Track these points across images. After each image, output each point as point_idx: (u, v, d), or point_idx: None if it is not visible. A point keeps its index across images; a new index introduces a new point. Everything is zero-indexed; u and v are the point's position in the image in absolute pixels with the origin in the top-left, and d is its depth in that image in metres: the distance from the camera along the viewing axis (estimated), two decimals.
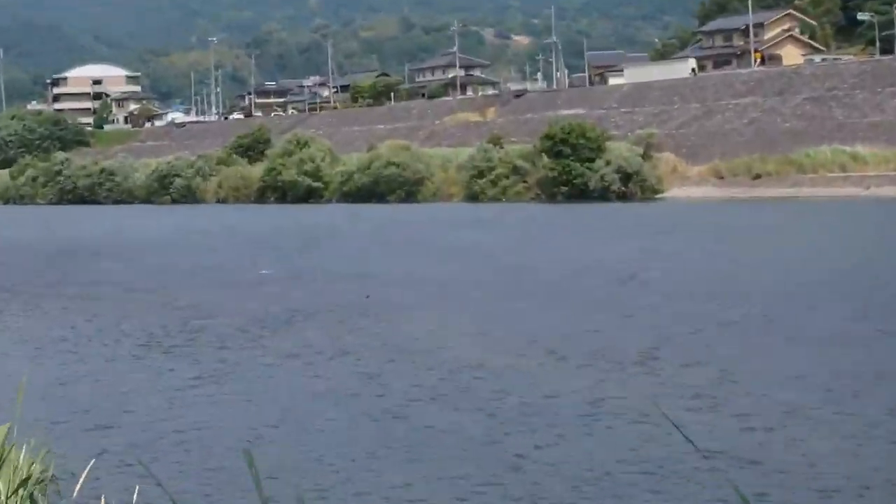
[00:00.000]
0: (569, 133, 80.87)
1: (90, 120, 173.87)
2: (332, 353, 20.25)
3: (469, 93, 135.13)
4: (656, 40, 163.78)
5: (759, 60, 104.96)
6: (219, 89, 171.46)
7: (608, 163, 79.40)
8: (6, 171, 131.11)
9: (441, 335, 21.87)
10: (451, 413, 15.12)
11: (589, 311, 24.36)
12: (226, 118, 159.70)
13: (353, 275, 33.84)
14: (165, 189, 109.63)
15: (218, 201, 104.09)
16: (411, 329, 22.74)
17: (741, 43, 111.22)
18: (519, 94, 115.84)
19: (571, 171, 79.68)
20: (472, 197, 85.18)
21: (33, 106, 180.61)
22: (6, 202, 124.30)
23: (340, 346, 20.93)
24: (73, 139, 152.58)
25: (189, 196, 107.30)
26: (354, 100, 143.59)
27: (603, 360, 18.51)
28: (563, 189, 79.98)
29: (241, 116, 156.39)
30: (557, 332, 21.60)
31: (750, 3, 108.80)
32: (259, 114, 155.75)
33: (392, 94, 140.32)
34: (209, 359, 19.99)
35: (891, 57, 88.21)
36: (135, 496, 7.64)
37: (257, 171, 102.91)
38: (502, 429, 14.17)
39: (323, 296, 28.81)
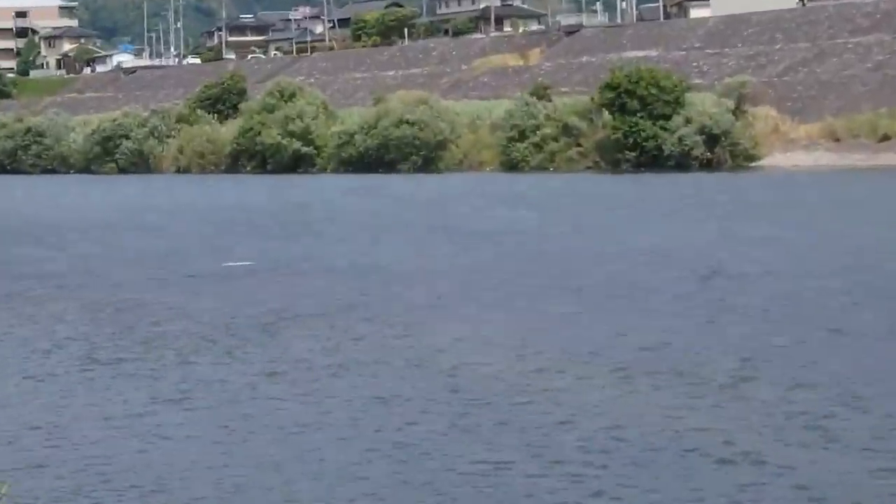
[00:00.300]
0: (637, 82, 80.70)
1: (12, 64, 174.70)
2: (326, 370, 20.24)
3: (507, 29, 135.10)
4: None
5: None
6: (179, 24, 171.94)
7: (688, 121, 79.23)
8: None
9: (471, 347, 21.84)
10: (485, 450, 15.08)
11: (664, 316, 24.30)
12: (186, 62, 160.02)
13: (354, 267, 33.84)
14: (110, 155, 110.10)
15: (178, 170, 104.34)
16: (432, 338, 22.70)
17: None
18: (572, 31, 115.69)
19: (641, 131, 79.53)
20: (511, 165, 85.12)
21: None
22: None
23: (338, 361, 20.92)
24: None
25: (141, 164, 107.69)
26: (357, 38, 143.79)
27: (683, 381, 18.44)
28: (630, 155, 79.87)
29: (199, 61, 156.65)
30: (623, 344, 21.55)
31: None
32: (232, 56, 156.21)
33: (406, 30, 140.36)
34: (167, 377, 20.00)
35: None
36: None
37: (229, 131, 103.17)
38: (552, 471, 14.12)
39: (314, 295, 28.83)
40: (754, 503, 12.82)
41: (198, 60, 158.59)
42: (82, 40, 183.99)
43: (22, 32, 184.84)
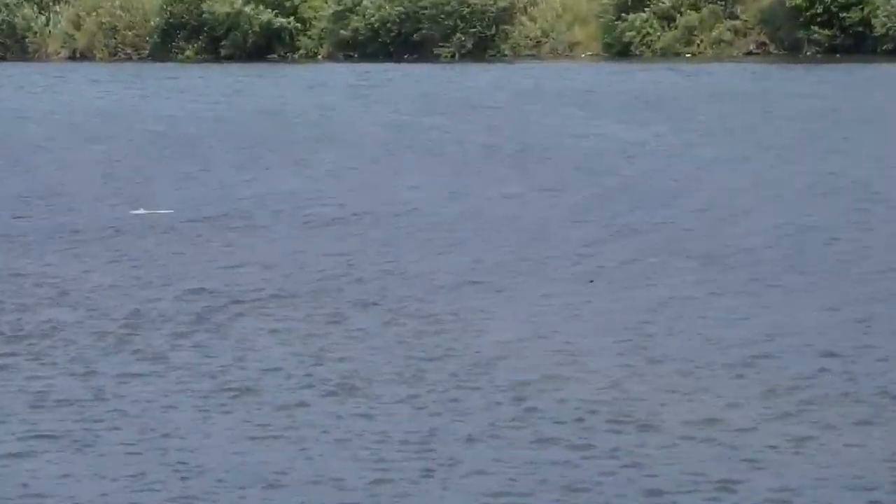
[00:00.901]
0: None
1: None
2: (310, 388, 20.24)
3: None
4: None
5: None
6: None
7: None
8: None
9: (544, 352, 21.85)
10: None
11: (866, 301, 24.33)
12: None
13: (353, 216, 34.04)
14: None
15: (73, 56, 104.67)
16: (481, 338, 22.77)
17: None
18: None
19: None
20: (620, 49, 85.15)
21: None
22: None
23: (328, 374, 20.92)
24: None
25: (13, 46, 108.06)
26: None
27: None
28: (819, 34, 79.71)
29: None
30: (796, 347, 21.56)
31: None
32: None
33: None
34: (49, 396, 20.03)
35: None
36: None
37: None
38: None
39: (286, 263, 28.98)
40: None
41: None
42: None
43: None
